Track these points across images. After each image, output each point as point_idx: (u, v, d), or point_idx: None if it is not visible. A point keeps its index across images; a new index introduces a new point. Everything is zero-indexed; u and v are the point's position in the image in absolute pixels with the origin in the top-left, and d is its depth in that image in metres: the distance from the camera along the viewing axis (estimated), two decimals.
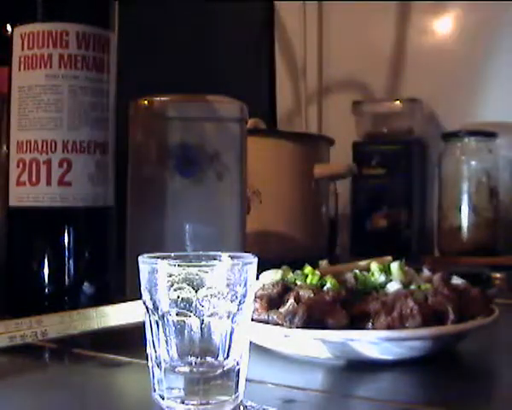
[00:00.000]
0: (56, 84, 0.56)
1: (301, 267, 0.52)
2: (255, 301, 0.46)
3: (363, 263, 0.53)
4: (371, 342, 0.44)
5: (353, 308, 0.46)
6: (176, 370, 0.36)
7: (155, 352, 0.36)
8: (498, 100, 1.20)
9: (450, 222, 1.17)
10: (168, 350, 0.36)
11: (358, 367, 0.44)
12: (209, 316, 0.35)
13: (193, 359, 0.35)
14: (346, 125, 1.24)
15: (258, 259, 0.37)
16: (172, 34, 1.09)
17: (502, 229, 1.16)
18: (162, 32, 1.07)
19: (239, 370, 0.36)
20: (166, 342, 0.36)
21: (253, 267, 0.37)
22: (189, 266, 0.36)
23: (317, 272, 0.50)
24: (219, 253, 0.39)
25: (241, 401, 0.36)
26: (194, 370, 0.35)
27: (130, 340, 0.47)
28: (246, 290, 0.36)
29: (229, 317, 0.36)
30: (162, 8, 1.06)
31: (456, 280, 0.51)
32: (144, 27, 0.99)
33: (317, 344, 0.44)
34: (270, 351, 0.47)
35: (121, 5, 0.61)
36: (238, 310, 0.36)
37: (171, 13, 1.08)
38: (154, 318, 0.36)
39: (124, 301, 0.49)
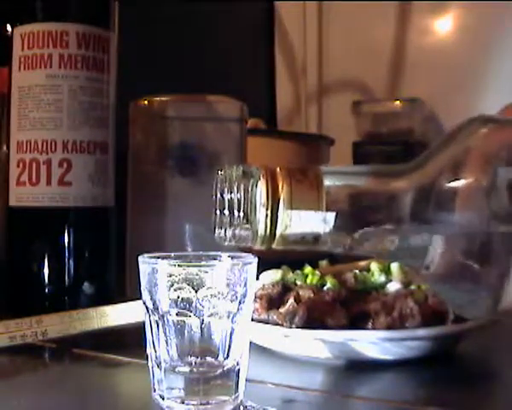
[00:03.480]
0: (56, 84, 0.56)
1: (301, 267, 0.52)
2: (255, 301, 0.46)
3: (363, 263, 0.53)
4: (371, 342, 0.44)
5: (353, 308, 0.46)
6: (176, 370, 0.36)
7: (155, 352, 0.36)
8: (498, 100, 1.20)
9: None
10: (168, 350, 0.36)
11: (358, 367, 0.44)
12: (209, 316, 0.35)
13: (193, 359, 0.35)
14: (346, 125, 1.24)
15: (258, 259, 0.37)
16: (172, 34, 1.09)
17: None
18: (162, 32, 1.07)
19: (239, 370, 0.36)
20: (166, 342, 0.36)
21: (253, 267, 0.37)
22: (189, 266, 0.36)
23: (317, 272, 0.50)
24: (219, 253, 0.39)
25: (241, 401, 0.36)
26: (194, 370, 0.35)
27: (130, 340, 0.47)
28: (246, 290, 0.36)
29: (229, 317, 0.36)
30: (162, 8, 1.06)
31: None
32: (144, 27, 0.99)
33: (317, 344, 0.44)
34: (270, 351, 0.47)
35: (121, 5, 0.61)
36: (238, 310, 0.36)
37: (171, 13, 1.08)
38: (154, 318, 0.36)
39: (124, 301, 0.49)
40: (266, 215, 0.36)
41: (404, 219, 0.38)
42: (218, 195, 0.37)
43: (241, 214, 0.37)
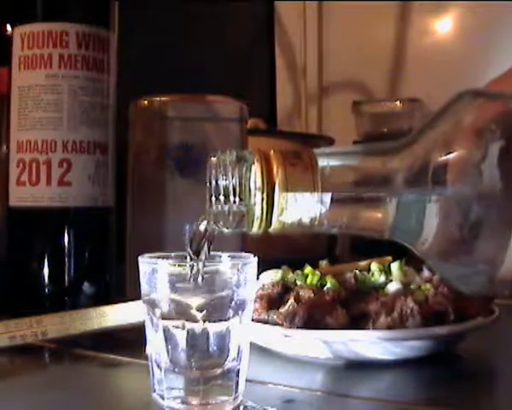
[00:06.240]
0: (56, 84, 0.56)
1: (301, 267, 0.52)
2: (255, 301, 0.46)
3: (363, 263, 0.53)
4: (371, 342, 0.44)
5: (353, 308, 0.46)
6: (176, 370, 0.36)
7: (155, 352, 0.36)
8: None
9: None
10: (168, 350, 0.36)
11: (358, 367, 0.44)
12: (209, 316, 0.35)
13: (193, 359, 0.35)
14: (346, 125, 1.24)
15: (258, 259, 0.37)
16: (172, 34, 1.09)
17: None
18: (162, 32, 1.07)
19: (239, 370, 0.36)
20: (166, 341, 0.36)
21: (253, 267, 0.37)
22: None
23: (317, 272, 0.50)
24: (219, 253, 0.39)
25: (241, 401, 0.36)
26: (194, 370, 0.35)
27: (130, 340, 0.47)
28: (246, 290, 0.36)
29: (229, 317, 0.36)
30: (162, 9, 1.06)
31: None
32: (144, 27, 0.99)
33: (317, 344, 0.44)
34: (270, 351, 0.47)
35: (121, 5, 0.61)
36: (238, 310, 0.36)
37: (171, 13, 1.08)
38: (154, 318, 0.36)
39: (124, 301, 0.49)
40: (262, 199, 0.36)
41: (399, 196, 0.38)
42: (213, 181, 0.37)
43: (237, 200, 0.37)
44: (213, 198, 0.37)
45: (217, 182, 0.37)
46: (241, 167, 0.37)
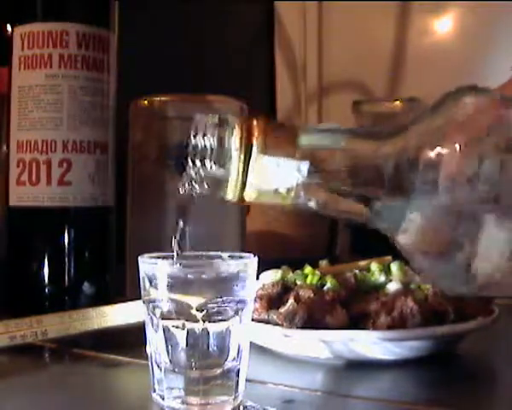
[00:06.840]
0: (56, 84, 0.56)
1: (301, 267, 0.52)
2: (255, 301, 0.46)
3: (363, 263, 0.53)
4: (371, 342, 0.44)
5: (353, 308, 0.46)
6: (176, 370, 0.36)
7: (155, 352, 0.36)
8: None
9: None
10: (168, 350, 0.36)
11: (358, 367, 0.44)
12: (209, 316, 0.35)
13: (193, 359, 0.35)
14: (346, 125, 1.24)
15: (258, 259, 0.37)
16: (172, 34, 1.09)
17: None
18: (162, 32, 1.07)
19: (239, 370, 0.36)
20: (166, 342, 0.36)
21: (253, 267, 0.37)
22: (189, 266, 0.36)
23: (317, 272, 0.50)
24: (219, 253, 0.39)
25: (241, 401, 0.36)
26: (195, 370, 0.35)
27: (130, 340, 0.47)
28: (246, 290, 0.36)
29: (229, 317, 0.36)
30: (162, 8, 1.06)
31: None
32: (144, 27, 0.99)
33: (317, 344, 0.44)
34: (270, 351, 0.47)
35: (121, 5, 0.61)
36: (238, 310, 0.36)
37: (171, 13, 1.08)
38: (154, 318, 0.36)
39: (124, 301, 0.49)
40: (239, 159, 0.36)
41: (383, 183, 0.37)
42: (192, 140, 0.37)
43: (214, 160, 0.36)
44: (190, 161, 0.37)
45: (196, 140, 0.36)
46: (223, 130, 0.36)
